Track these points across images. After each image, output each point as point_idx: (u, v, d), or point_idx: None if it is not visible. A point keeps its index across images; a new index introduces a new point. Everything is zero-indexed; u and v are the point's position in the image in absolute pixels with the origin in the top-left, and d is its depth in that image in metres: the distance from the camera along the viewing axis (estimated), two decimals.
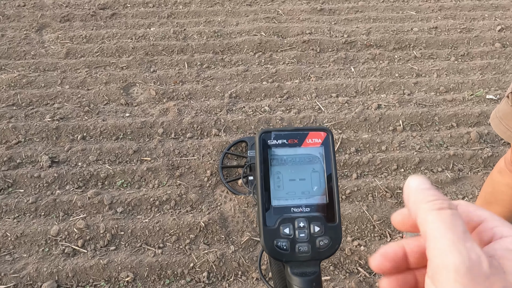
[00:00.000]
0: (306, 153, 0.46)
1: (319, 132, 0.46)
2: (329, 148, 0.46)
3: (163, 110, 1.89)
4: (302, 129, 0.47)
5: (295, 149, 0.45)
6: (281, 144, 0.45)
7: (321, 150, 0.46)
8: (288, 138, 0.46)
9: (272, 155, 0.45)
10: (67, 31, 2.34)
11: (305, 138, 0.46)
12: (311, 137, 0.46)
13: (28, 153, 1.66)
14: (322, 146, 0.46)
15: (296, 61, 2.18)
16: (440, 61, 2.19)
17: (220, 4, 2.58)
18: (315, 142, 0.46)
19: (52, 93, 1.95)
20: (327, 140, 0.46)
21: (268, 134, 0.46)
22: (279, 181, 0.44)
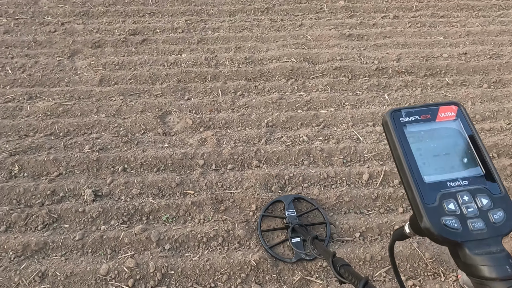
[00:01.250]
0: (443, 127, 0.44)
1: (449, 106, 0.46)
2: (465, 119, 0.45)
3: (201, 140, 1.88)
4: (431, 104, 0.46)
5: (430, 124, 0.44)
6: (414, 120, 0.44)
7: (457, 123, 0.45)
8: (420, 114, 0.45)
9: (408, 132, 0.43)
10: (99, 58, 2.35)
11: (437, 112, 0.45)
12: (443, 111, 0.45)
13: (71, 186, 1.65)
14: (457, 118, 0.45)
15: (329, 88, 2.18)
16: (473, 88, 2.19)
17: (248, 29, 2.60)
18: (449, 115, 0.45)
19: (89, 122, 1.95)
20: (461, 112, 0.46)
21: (398, 112, 0.45)
22: (422, 157, 0.42)
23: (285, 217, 1.52)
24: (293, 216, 1.50)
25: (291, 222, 1.47)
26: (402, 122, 0.44)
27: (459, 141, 0.43)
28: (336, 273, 0.77)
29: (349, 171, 1.73)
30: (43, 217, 1.54)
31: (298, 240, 1.44)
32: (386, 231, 1.53)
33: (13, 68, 2.24)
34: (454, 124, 0.45)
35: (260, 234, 1.50)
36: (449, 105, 0.46)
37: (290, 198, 1.58)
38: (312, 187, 1.67)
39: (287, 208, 1.54)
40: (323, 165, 1.77)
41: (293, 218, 1.49)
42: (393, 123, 0.43)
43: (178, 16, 2.70)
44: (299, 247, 1.42)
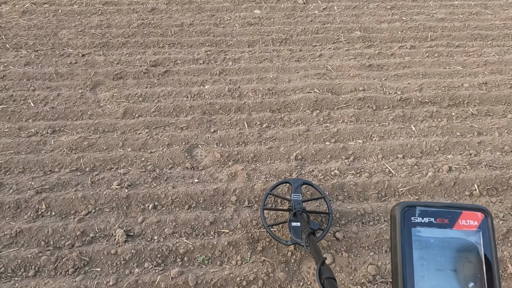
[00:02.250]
0: (459, 237, 0.38)
1: (474, 212, 0.39)
2: (488, 234, 0.38)
3: (231, 174, 1.84)
4: (454, 206, 0.40)
5: (445, 231, 0.38)
6: (427, 223, 0.38)
7: (478, 236, 0.38)
8: (436, 216, 0.39)
9: (416, 235, 0.38)
10: (121, 89, 2.34)
11: (457, 218, 0.39)
12: (465, 217, 0.39)
13: (101, 226, 1.60)
14: (479, 230, 0.39)
15: (355, 119, 2.17)
16: (498, 119, 2.19)
17: (268, 60, 2.62)
18: (471, 224, 0.39)
19: (115, 157, 1.91)
20: (485, 223, 0.39)
21: (412, 209, 0.39)
22: (423, 269, 0.37)
23: (290, 200, 1.54)
24: (298, 200, 1.52)
25: (294, 206, 1.49)
26: (412, 222, 0.38)
27: (472, 259, 0.37)
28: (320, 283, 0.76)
29: (386, 206, 1.69)
30: (74, 260, 1.48)
31: (298, 225, 1.43)
32: None
33: (35, 100, 2.22)
34: (474, 237, 0.38)
35: (262, 211, 1.53)
36: (475, 211, 0.39)
37: (299, 183, 1.61)
38: (350, 225, 1.63)
39: (294, 191, 1.57)
40: (358, 200, 1.74)
41: (298, 203, 1.51)
42: (401, 221, 0.38)
43: (198, 47, 2.72)
44: (297, 232, 1.41)
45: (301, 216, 1.44)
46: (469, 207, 0.39)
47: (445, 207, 0.39)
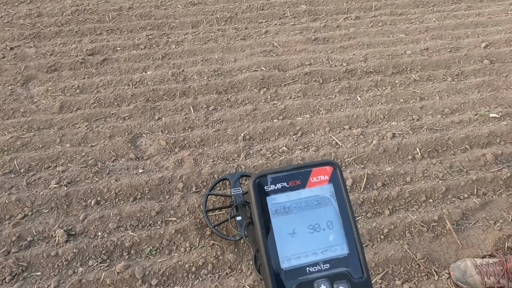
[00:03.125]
0: (312, 195, 0.38)
1: (323, 167, 0.39)
2: (339, 184, 0.38)
3: (178, 161, 1.79)
4: (303, 166, 0.39)
5: (298, 192, 0.37)
6: (281, 188, 0.37)
7: (330, 189, 0.38)
8: (288, 180, 0.38)
9: (272, 204, 0.36)
10: (56, 82, 2.19)
11: (308, 176, 0.38)
12: (316, 174, 0.38)
13: (39, 228, 1.51)
14: (330, 183, 0.38)
15: (302, 94, 2.16)
16: (439, 83, 2.26)
17: (213, 40, 2.53)
18: (321, 179, 0.38)
19: (52, 154, 1.80)
20: (335, 175, 0.38)
21: (264, 178, 0.37)
22: (285, 235, 0.36)
23: (231, 195, 1.52)
24: (239, 194, 1.50)
25: (235, 201, 1.46)
26: (266, 191, 0.37)
27: (328, 213, 0.37)
28: (256, 268, 0.76)
29: None
30: (11, 267, 1.39)
31: (240, 218, 1.43)
32: (376, 235, 1.53)
33: None
34: (326, 190, 0.38)
35: (205, 213, 1.50)
36: (323, 166, 0.38)
37: (237, 176, 1.58)
38: None
39: (233, 186, 1.54)
40: None
41: (239, 196, 1.49)
42: (255, 193, 0.36)
43: (138, 32, 2.59)
44: (242, 225, 1.38)
45: (242, 209, 1.42)
46: (317, 164, 0.39)
47: (295, 168, 0.39)
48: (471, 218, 1.58)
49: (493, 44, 2.50)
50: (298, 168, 0.38)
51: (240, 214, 1.41)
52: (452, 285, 1.37)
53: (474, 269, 1.34)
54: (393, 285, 1.39)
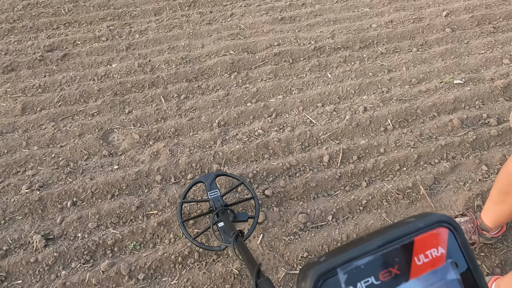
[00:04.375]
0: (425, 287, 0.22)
1: (431, 231, 0.22)
2: (464, 259, 0.23)
3: (153, 154, 1.76)
4: (398, 235, 0.21)
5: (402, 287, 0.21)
6: (369, 286, 0.21)
7: (451, 271, 0.22)
8: (376, 269, 0.21)
9: None
10: (15, 83, 2.08)
11: (411, 256, 0.22)
12: (422, 248, 0.22)
13: (15, 236, 1.46)
14: (449, 259, 0.22)
15: (273, 76, 2.16)
16: (404, 54, 2.31)
17: (178, 26, 2.46)
18: (434, 256, 0.22)
19: (19, 159, 1.72)
20: (453, 241, 0.23)
21: (332, 277, 0.21)
22: None
23: (208, 200, 1.34)
24: (217, 197, 1.33)
25: (214, 205, 1.30)
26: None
27: None
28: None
29: (310, 156, 1.74)
30: None
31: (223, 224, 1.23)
32: (355, 207, 1.57)
33: None
34: (446, 275, 0.22)
35: (181, 224, 1.33)
36: (431, 229, 0.22)
37: (212, 177, 1.41)
38: (278, 180, 1.65)
39: (209, 189, 1.37)
40: (283, 155, 1.76)
41: (217, 200, 1.32)
42: None
43: (98, 23, 2.47)
44: (226, 232, 1.19)
45: (224, 215, 1.25)
46: (422, 227, 0.22)
47: (384, 244, 0.21)
48: (443, 181, 1.66)
49: (453, 12, 2.57)
50: (389, 242, 0.22)
51: (222, 220, 1.24)
52: None
53: None
54: None
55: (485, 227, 1.36)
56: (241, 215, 1.31)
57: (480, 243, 1.39)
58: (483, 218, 1.36)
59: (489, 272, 1.38)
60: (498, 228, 1.37)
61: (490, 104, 1.97)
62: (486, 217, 1.35)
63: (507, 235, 1.46)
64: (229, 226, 1.17)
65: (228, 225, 1.18)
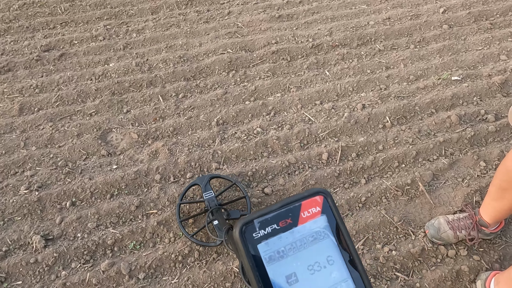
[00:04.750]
0: (306, 232, 0.34)
1: (313, 198, 0.36)
2: (333, 214, 0.35)
3: (152, 153, 1.76)
4: (291, 201, 0.35)
5: (291, 232, 0.34)
6: (271, 232, 0.33)
7: (324, 220, 0.35)
8: (277, 220, 0.34)
9: (264, 251, 0.33)
10: (12, 83, 2.07)
11: (299, 212, 0.35)
12: (306, 207, 0.35)
13: (14, 237, 1.45)
14: (323, 214, 0.35)
15: (271, 74, 2.16)
16: (402, 51, 2.31)
17: (175, 25, 2.46)
18: (313, 212, 0.35)
19: (18, 159, 1.72)
20: (327, 204, 0.36)
21: (251, 225, 0.33)
22: (284, 283, 0.32)
23: (204, 200, 1.45)
24: (212, 197, 1.44)
25: (209, 205, 1.41)
26: (255, 238, 0.33)
27: (326, 248, 0.34)
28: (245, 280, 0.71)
29: (308, 154, 1.74)
30: None
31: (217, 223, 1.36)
32: (354, 204, 1.58)
33: None
34: (320, 223, 0.34)
35: (180, 224, 1.43)
36: (312, 196, 0.35)
37: (206, 179, 1.52)
38: (277, 178, 1.65)
39: (204, 190, 1.48)
40: (282, 153, 1.76)
41: (212, 200, 1.43)
42: (244, 243, 0.32)
43: (95, 22, 2.46)
44: (221, 229, 1.33)
45: (218, 213, 1.37)
46: (306, 195, 0.35)
47: (283, 206, 0.34)
48: (441, 178, 1.67)
49: (451, 8, 2.58)
50: (286, 205, 0.34)
51: (216, 218, 1.35)
52: (428, 242, 1.45)
53: (446, 225, 1.42)
54: (374, 249, 1.46)
55: (484, 223, 1.37)
56: (234, 212, 1.40)
57: (479, 238, 1.40)
58: (482, 214, 1.37)
59: (488, 268, 1.39)
60: (496, 223, 1.38)
61: (488, 100, 1.97)
62: (485, 213, 1.35)
63: (505, 231, 1.46)
64: (222, 223, 1.27)
65: (221, 222, 1.28)
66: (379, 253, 1.43)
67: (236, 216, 1.41)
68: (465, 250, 1.42)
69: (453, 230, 1.40)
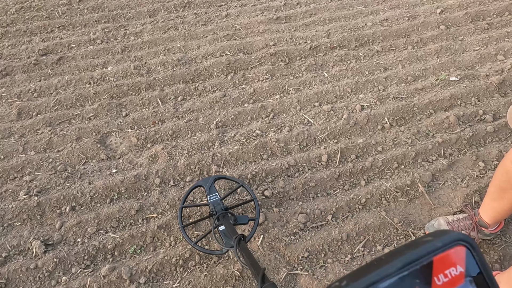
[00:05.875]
0: None
1: (449, 250, 0.23)
2: (482, 274, 0.23)
3: (152, 156, 1.76)
4: (417, 256, 0.22)
5: None
6: None
7: (470, 287, 0.23)
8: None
9: None
10: (10, 88, 2.06)
11: (431, 276, 0.22)
12: (441, 267, 0.22)
13: (14, 243, 1.45)
14: (467, 279, 0.23)
15: (270, 76, 2.16)
16: (400, 52, 2.32)
17: (173, 28, 2.46)
18: (453, 275, 0.22)
19: (16, 164, 1.71)
20: (470, 259, 0.23)
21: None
22: None
23: (208, 204, 1.34)
24: (217, 200, 1.33)
25: (215, 209, 1.30)
26: None
27: None
28: None
29: (308, 155, 1.74)
30: None
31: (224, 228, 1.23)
32: (354, 206, 1.58)
33: None
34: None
35: (182, 229, 1.32)
36: (449, 248, 0.23)
37: (211, 181, 1.41)
38: (277, 180, 1.66)
39: (208, 193, 1.37)
40: (281, 155, 1.76)
41: (217, 203, 1.32)
42: None
43: (92, 26, 2.46)
44: (227, 235, 1.19)
45: (225, 218, 1.24)
46: (440, 246, 0.22)
47: (404, 265, 0.22)
48: (440, 178, 1.67)
49: (448, 9, 2.59)
50: (409, 264, 0.21)
51: (223, 224, 1.23)
52: None
53: (446, 226, 1.42)
54: (374, 250, 1.46)
55: (483, 224, 1.37)
56: (242, 218, 1.31)
57: (479, 239, 1.40)
58: (481, 215, 1.38)
59: None
60: (496, 224, 1.38)
61: (486, 101, 1.98)
62: (485, 214, 1.36)
63: (505, 231, 1.47)
64: (230, 230, 1.16)
65: (229, 229, 1.17)
66: (379, 254, 1.43)
67: (244, 222, 1.30)
68: None
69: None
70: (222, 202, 1.34)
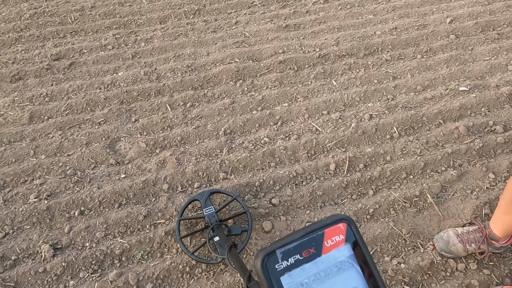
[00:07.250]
0: (332, 263, 0.33)
1: (336, 225, 0.34)
2: (356, 242, 0.34)
3: (160, 162, 1.77)
4: (313, 229, 0.34)
5: (315, 262, 0.33)
6: (294, 263, 0.32)
7: (348, 249, 0.34)
8: (300, 250, 0.33)
9: (287, 284, 0.31)
10: (22, 92, 2.10)
11: (322, 241, 0.33)
12: (329, 236, 0.34)
13: (23, 246, 1.46)
14: (347, 243, 0.34)
15: (278, 83, 2.16)
16: (409, 61, 2.31)
17: (183, 35, 2.48)
18: (337, 241, 0.34)
19: (27, 168, 1.74)
20: (350, 231, 0.34)
21: (273, 256, 0.32)
22: None
23: (204, 216, 1.44)
24: (212, 213, 1.43)
25: (210, 221, 1.40)
26: (278, 270, 0.31)
27: (351, 278, 0.32)
28: None
29: (316, 164, 1.74)
30: None
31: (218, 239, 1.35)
32: (362, 216, 1.57)
33: None
34: (344, 252, 0.33)
35: (180, 240, 1.41)
36: (335, 224, 0.34)
37: (206, 195, 1.51)
38: (285, 188, 1.65)
39: (204, 206, 1.46)
40: (289, 163, 1.76)
41: (212, 216, 1.42)
42: (266, 276, 0.31)
43: (104, 32, 2.49)
44: (222, 246, 1.32)
45: (219, 229, 1.36)
46: (329, 223, 0.34)
47: (305, 234, 0.33)
48: (450, 189, 1.66)
49: (457, 18, 2.58)
50: (309, 233, 0.32)
51: (217, 235, 1.34)
52: (437, 255, 1.44)
53: (456, 238, 1.41)
54: (382, 261, 1.44)
55: (494, 237, 1.35)
56: (235, 228, 1.40)
57: (489, 252, 1.39)
58: (492, 228, 1.36)
59: (498, 282, 1.37)
60: (507, 237, 1.36)
61: (496, 111, 1.96)
62: (495, 227, 1.34)
63: None
64: (224, 240, 1.26)
65: (223, 239, 1.27)
66: (387, 265, 1.42)
67: (237, 232, 1.40)
68: (475, 264, 1.41)
69: (462, 243, 1.39)
70: (217, 214, 1.43)
